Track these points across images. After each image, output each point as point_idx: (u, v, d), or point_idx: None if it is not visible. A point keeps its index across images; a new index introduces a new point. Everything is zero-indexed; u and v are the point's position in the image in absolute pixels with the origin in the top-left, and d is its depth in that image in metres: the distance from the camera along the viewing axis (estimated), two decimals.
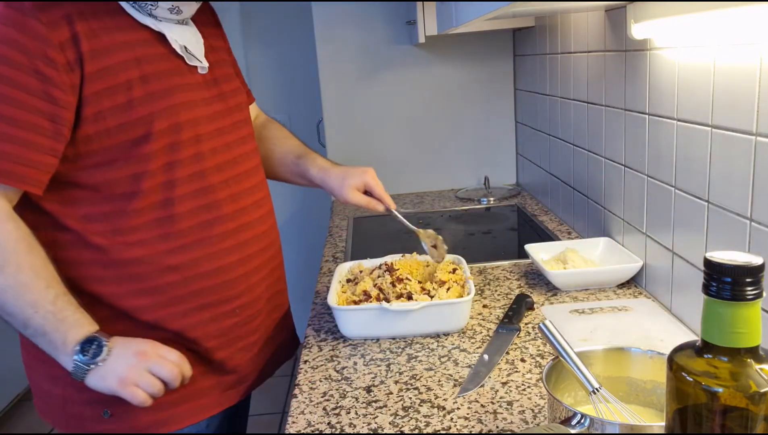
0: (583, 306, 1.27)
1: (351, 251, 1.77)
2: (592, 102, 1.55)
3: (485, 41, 2.31)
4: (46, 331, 0.95)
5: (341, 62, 2.33)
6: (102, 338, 0.97)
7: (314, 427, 0.93)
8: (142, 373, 0.97)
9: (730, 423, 0.55)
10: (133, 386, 0.97)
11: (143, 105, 1.00)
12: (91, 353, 0.95)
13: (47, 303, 0.95)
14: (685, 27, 1.06)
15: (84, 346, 0.95)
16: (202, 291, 1.09)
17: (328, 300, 1.19)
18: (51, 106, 0.94)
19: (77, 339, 0.95)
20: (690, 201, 1.11)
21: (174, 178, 1.05)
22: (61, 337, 0.95)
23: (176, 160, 1.05)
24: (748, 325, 0.53)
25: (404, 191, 2.44)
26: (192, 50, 1.10)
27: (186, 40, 1.09)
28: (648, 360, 0.83)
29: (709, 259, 0.54)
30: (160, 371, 0.99)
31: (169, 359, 1.00)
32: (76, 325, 0.96)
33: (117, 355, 0.97)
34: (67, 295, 0.98)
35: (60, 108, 0.95)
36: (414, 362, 1.09)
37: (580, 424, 0.71)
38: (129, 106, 0.99)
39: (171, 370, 0.99)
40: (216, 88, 1.14)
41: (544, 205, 2.08)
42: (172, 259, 1.06)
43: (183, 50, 1.08)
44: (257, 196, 1.19)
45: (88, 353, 0.95)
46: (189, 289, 1.08)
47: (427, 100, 2.36)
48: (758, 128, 0.90)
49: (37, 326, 0.95)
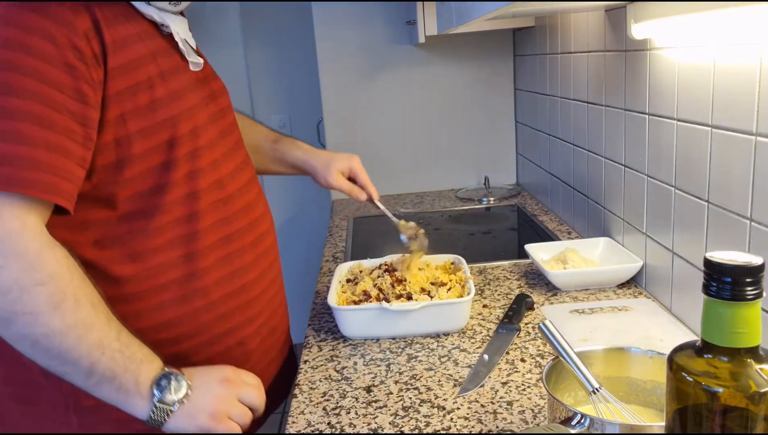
0: (583, 306, 1.27)
1: (351, 251, 1.77)
2: (592, 102, 1.55)
3: (485, 41, 2.31)
4: (115, 375, 0.80)
5: (341, 62, 2.33)
6: (176, 372, 0.84)
7: (314, 427, 0.93)
8: (234, 404, 0.87)
9: (730, 423, 0.55)
10: (226, 420, 0.86)
11: (166, 106, 0.88)
12: (171, 391, 0.82)
13: (113, 341, 0.80)
14: (685, 27, 1.06)
15: (160, 384, 0.82)
16: (228, 314, 0.97)
17: (328, 300, 1.19)
18: (82, 107, 0.80)
19: (151, 377, 0.82)
20: (690, 201, 1.11)
21: (197, 189, 0.92)
22: (132, 378, 0.80)
23: (197, 169, 0.92)
24: (748, 325, 0.53)
25: (404, 191, 2.44)
26: (191, 44, 0.98)
27: (185, 33, 0.97)
28: (648, 360, 0.83)
29: (709, 259, 0.54)
30: (248, 398, 0.90)
31: (253, 384, 0.92)
32: (146, 361, 0.82)
33: (200, 387, 0.85)
34: (124, 328, 0.83)
35: (90, 108, 0.81)
36: (414, 362, 1.09)
37: (580, 424, 0.71)
38: (152, 107, 0.86)
39: (258, 396, 0.91)
40: (207, 87, 1.01)
41: (544, 205, 2.08)
42: (197, 283, 0.93)
43: (184, 43, 0.95)
44: (263, 202, 1.11)
45: (168, 392, 0.82)
46: (214, 313, 0.95)
47: (427, 100, 2.36)
48: (758, 128, 0.90)
49: (105, 370, 0.79)
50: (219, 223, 0.96)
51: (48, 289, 0.75)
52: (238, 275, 0.99)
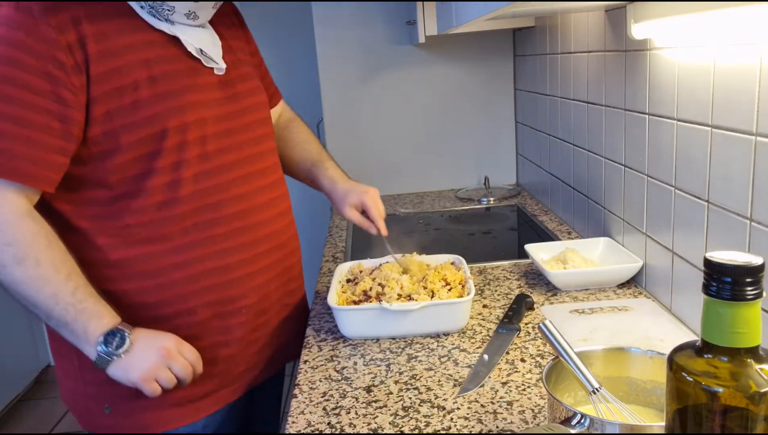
0: (583, 306, 1.27)
1: (351, 251, 1.77)
2: (592, 102, 1.55)
3: (485, 41, 2.31)
4: (67, 322, 0.98)
5: (341, 62, 2.33)
6: (125, 330, 1.00)
7: (314, 427, 0.93)
8: (163, 370, 1.01)
9: (730, 423, 0.55)
10: (153, 382, 1.01)
11: (150, 105, 1.02)
12: (114, 345, 0.98)
13: (67, 295, 0.97)
14: (685, 27, 1.06)
15: (107, 338, 0.98)
16: (207, 289, 1.11)
17: (328, 300, 1.19)
18: (60, 107, 0.97)
19: (100, 330, 0.98)
20: (690, 201, 1.11)
21: (179, 177, 1.06)
22: (82, 327, 0.98)
23: (183, 160, 1.06)
24: (748, 325, 0.53)
25: (404, 191, 2.44)
26: (208, 52, 1.11)
27: (202, 42, 1.11)
28: (648, 360, 0.83)
29: (709, 259, 0.54)
30: (178, 371, 1.03)
31: (188, 358, 1.04)
32: (96, 316, 0.99)
33: (140, 348, 1.00)
34: (88, 287, 1.01)
35: (69, 108, 0.97)
36: (414, 362, 1.09)
37: (580, 424, 0.71)
38: (135, 106, 1.01)
39: (187, 370, 1.04)
40: (231, 89, 1.15)
41: (544, 205, 2.08)
42: (175, 257, 1.08)
43: (199, 52, 1.09)
44: (270, 195, 1.20)
45: (111, 345, 0.98)
46: (193, 287, 1.10)
47: (427, 100, 2.36)
48: (758, 128, 0.90)
49: (59, 317, 0.98)
50: (203, 208, 1.09)
51: (13, 249, 0.96)
52: (221, 256, 1.11)
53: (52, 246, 0.99)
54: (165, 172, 1.05)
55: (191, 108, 1.06)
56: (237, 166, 1.13)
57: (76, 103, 0.98)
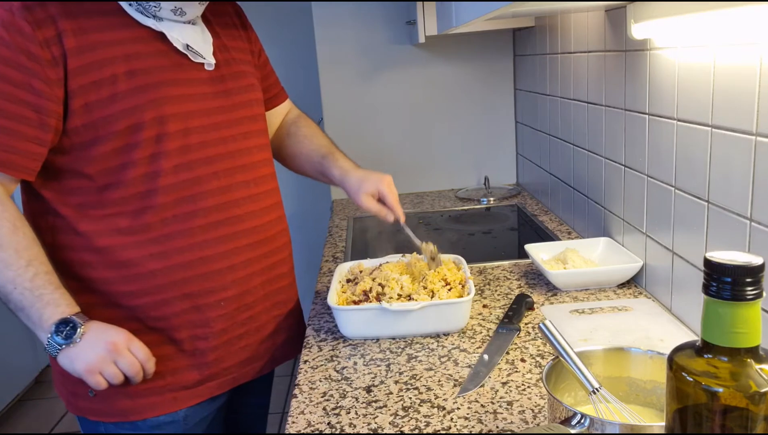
0: (583, 306, 1.27)
1: (351, 251, 1.77)
2: (592, 102, 1.55)
3: (485, 41, 2.31)
4: (24, 307, 1.00)
5: (341, 62, 2.33)
6: (77, 321, 1.01)
7: (314, 427, 0.93)
8: (108, 364, 1.02)
9: (730, 423, 0.55)
10: (97, 374, 1.02)
11: (127, 98, 1.04)
12: (64, 334, 1.00)
13: (26, 280, 1.00)
14: (685, 27, 1.06)
15: (59, 326, 1.00)
16: (184, 281, 1.11)
17: (328, 300, 1.19)
18: (35, 98, 1.00)
19: (54, 318, 1.00)
20: (690, 201, 1.11)
21: (158, 169, 1.08)
22: (37, 314, 1.00)
23: (161, 152, 1.07)
24: (748, 325, 0.53)
25: (404, 191, 2.44)
26: (196, 48, 1.13)
27: (189, 38, 1.13)
28: (648, 360, 0.83)
29: (709, 259, 0.54)
30: (125, 367, 1.03)
31: (137, 356, 1.05)
32: (52, 304, 1.00)
33: (89, 340, 1.01)
34: (49, 274, 1.02)
35: (44, 99, 1.00)
36: (414, 362, 1.09)
37: (580, 424, 0.71)
38: (113, 99, 1.03)
39: (134, 367, 1.04)
40: (222, 85, 1.17)
41: (544, 205, 2.08)
42: (154, 248, 1.09)
43: (185, 47, 1.11)
44: (255, 190, 1.20)
45: (61, 333, 1.00)
46: (171, 277, 1.10)
47: (427, 100, 2.36)
48: (758, 128, 0.90)
49: (16, 302, 1.00)
50: (182, 200, 1.10)
51: None
52: (200, 248, 1.12)
53: (17, 232, 1.01)
54: (143, 163, 1.06)
55: (171, 101, 1.08)
56: (219, 159, 1.14)
57: (51, 95, 1.00)
